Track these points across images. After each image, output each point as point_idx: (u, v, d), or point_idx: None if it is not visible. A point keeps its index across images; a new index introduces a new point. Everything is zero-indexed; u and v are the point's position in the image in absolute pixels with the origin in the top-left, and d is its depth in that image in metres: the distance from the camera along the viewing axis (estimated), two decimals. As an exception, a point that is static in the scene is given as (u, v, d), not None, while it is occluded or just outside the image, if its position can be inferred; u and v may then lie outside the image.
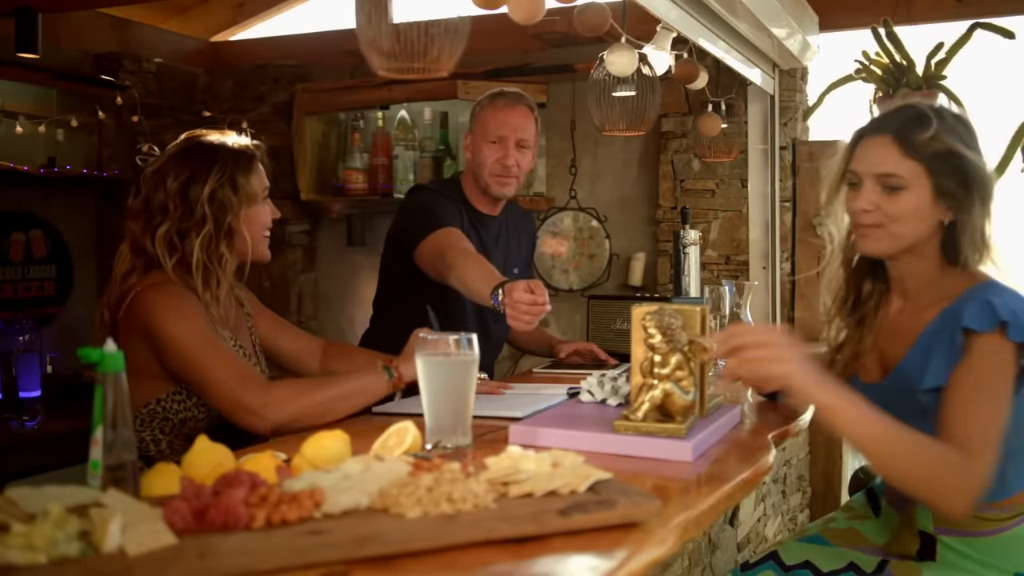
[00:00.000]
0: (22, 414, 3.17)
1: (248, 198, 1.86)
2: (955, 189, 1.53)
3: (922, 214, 1.54)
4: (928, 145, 1.52)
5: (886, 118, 1.59)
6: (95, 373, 1.11)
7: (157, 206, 1.81)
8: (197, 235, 1.79)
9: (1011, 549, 1.53)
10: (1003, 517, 1.54)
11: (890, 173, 1.54)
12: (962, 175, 1.52)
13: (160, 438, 1.80)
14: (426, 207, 2.45)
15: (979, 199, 1.53)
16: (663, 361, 1.51)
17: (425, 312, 1.94)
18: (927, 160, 1.52)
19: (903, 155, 1.53)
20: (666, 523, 1.10)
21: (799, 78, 3.48)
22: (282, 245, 4.10)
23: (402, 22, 1.46)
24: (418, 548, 0.97)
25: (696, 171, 3.54)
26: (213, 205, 1.80)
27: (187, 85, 4.25)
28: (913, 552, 1.63)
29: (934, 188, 1.53)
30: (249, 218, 1.87)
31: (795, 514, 3.28)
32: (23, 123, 3.57)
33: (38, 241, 3.79)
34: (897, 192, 1.54)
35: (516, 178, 2.52)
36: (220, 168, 1.82)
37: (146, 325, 1.73)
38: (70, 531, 0.93)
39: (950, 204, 1.54)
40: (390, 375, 1.77)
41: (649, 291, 3.60)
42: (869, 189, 1.56)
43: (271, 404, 1.67)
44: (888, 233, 1.57)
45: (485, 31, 2.08)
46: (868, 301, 1.73)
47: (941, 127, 1.52)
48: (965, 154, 1.51)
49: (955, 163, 1.52)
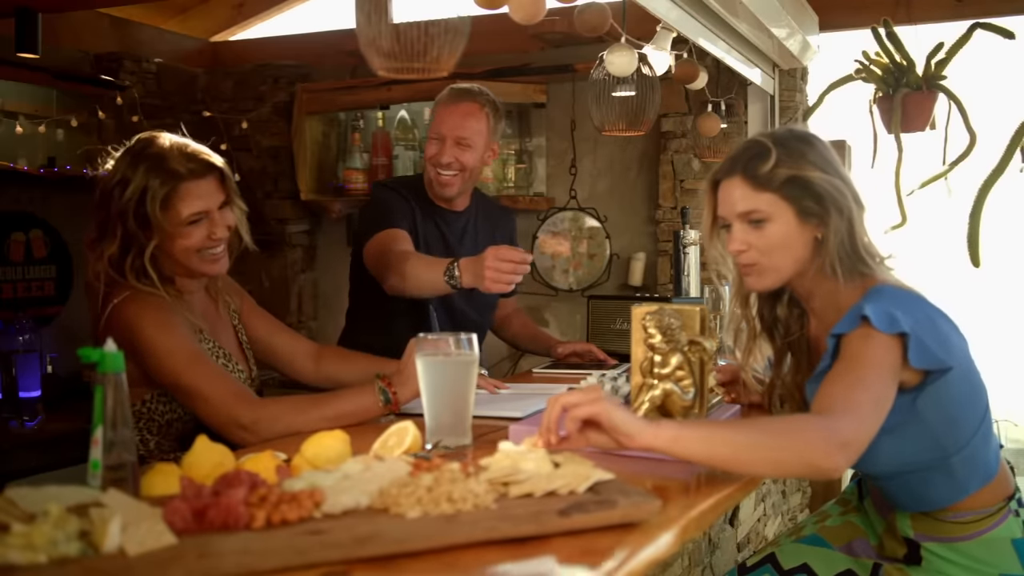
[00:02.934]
0: (22, 414, 3.16)
1: (160, 228, 1.75)
2: (813, 207, 1.56)
3: (791, 240, 1.57)
4: (774, 174, 1.55)
5: (733, 159, 1.63)
6: (95, 373, 1.11)
7: (106, 218, 1.80)
8: (135, 248, 1.76)
9: (994, 551, 1.56)
10: (974, 520, 1.56)
11: (750, 210, 1.57)
12: (814, 193, 1.55)
13: (148, 438, 1.80)
14: (375, 205, 2.47)
15: (835, 211, 1.55)
16: (663, 361, 1.51)
17: (396, 313, 1.90)
18: (778, 188, 1.55)
19: (756, 190, 1.57)
20: (666, 523, 1.10)
21: (799, 78, 3.49)
22: (282, 245, 4.10)
23: (402, 22, 1.46)
24: (418, 548, 0.97)
25: (696, 171, 3.54)
26: (138, 219, 1.75)
27: (187, 85, 4.25)
28: (900, 556, 1.65)
29: (796, 212, 1.56)
30: (166, 243, 1.77)
31: (795, 514, 3.28)
32: (23, 123, 3.56)
33: (38, 241, 3.79)
34: (763, 225, 1.57)
35: (457, 176, 2.43)
36: (143, 181, 1.75)
37: (129, 340, 1.67)
38: (70, 531, 0.93)
39: (816, 222, 1.57)
40: (387, 399, 1.73)
41: (649, 291, 3.60)
42: (739, 230, 1.59)
43: (262, 421, 1.66)
44: (766, 268, 1.59)
45: (485, 31, 2.08)
46: (790, 324, 1.74)
47: (782, 154, 1.56)
48: (809, 174, 1.55)
49: (802, 184, 1.55)
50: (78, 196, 3.87)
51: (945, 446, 1.54)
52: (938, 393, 1.50)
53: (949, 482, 1.56)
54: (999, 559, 1.55)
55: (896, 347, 1.44)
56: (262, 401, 1.73)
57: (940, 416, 1.52)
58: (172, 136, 1.83)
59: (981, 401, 1.59)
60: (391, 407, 1.74)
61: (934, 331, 1.48)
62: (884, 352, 1.44)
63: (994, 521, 1.56)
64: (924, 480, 1.57)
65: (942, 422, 1.52)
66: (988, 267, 2.85)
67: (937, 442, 1.53)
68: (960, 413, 1.55)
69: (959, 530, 1.57)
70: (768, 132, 1.66)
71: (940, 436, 1.53)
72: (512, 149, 3.79)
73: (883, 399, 1.41)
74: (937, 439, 1.53)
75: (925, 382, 1.49)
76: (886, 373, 1.43)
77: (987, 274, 2.83)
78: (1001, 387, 3.09)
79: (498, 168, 3.75)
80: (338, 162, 4.06)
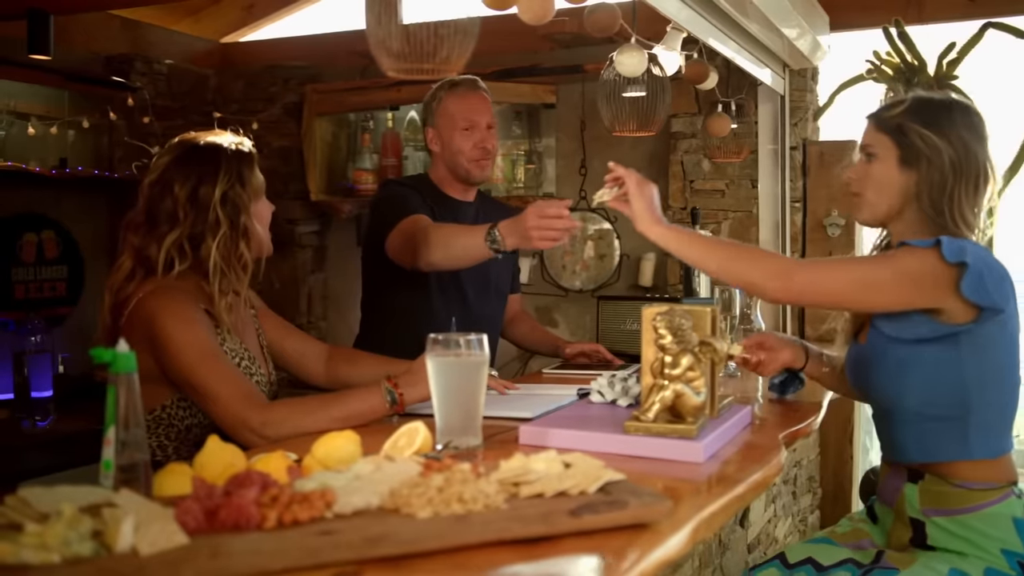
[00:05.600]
0: (34, 414, 3.18)
1: (255, 194, 1.87)
2: (912, 156, 1.69)
3: (890, 180, 1.72)
4: (893, 120, 1.72)
5: (885, 103, 1.83)
6: (107, 373, 1.11)
7: (164, 214, 1.79)
8: (213, 239, 1.78)
9: (995, 526, 1.62)
10: (979, 491, 1.63)
11: (866, 144, 1.76)
12: (914, 144, 1.69)
13: (166, 444, 1.80)
14: (391, 199, 2.48)
15: (927, 166, 1.68)
16: (674, 362, 1.51)
17: (409, 315, 1.90)
18: (891, 131, 1.72)
19: (876, 129, 1.75)
20: (677, 524, 1.10)
21: (809, 78, 3.47)
22: (292, 246, 4.11)
23: (412, 23, 1.46)
24: (429, 548, 0.97)
25: (706, 171, 3.53)
26: (226, 206, 1.80)
27: (198, 86, 4.26)
28: (906, 541, 1.71)
29: (899, 156, 1.71)
30: (257, 214, 1.87)
31: (805, 515, 3.27)
32: (35, 124, 3.58)
33: (50, 242, 3.81)
34: (872, 160, 1.74)
35: (491, 159, 2.57)
36: (226, 168, 1.81)
37: (149, 330, 1.71)
38: (83, 531, 0.93)
39: (914, 172, 1.70)
40: (393, 399, 1.73)
41: (659, 292, 3.59)
42: (858, 160, 1.79)
43: (270, 423, 1.66)
44: (864, 200, 1.77)
45: (494, 31, 2.08)
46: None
47: (911, 106, 1.73)
48: (918, 128, 1.68)
49: (910, 134, 1.69)
50: (90, 197, 3.91)
51: (970, 399, 1.62)
52: (983, 340, 1.60)
53: (959, 440, 1.64)
54: (1000, 534, 1.62)
55: (937, 263, 1.56)
56: (270, 404, 1.74)
57: (977, 366, 1.61)
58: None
59: (1014, 380, 1.69)
60: (397, 408, 1.74)
61: (997, 276, 1.59)
62: (915, 261, 1.59)
63: (997, 496, 1.63)
64: (937, 431, 1.66)
65: (977, 372, 1.62)
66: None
67: (965, 393, 1.62)
68: (994, 372, 1.64)
69: (963, 499, 1.64)
70: (924, 94, 1.81)
71: (970, 387, 1.62)
72: (522, 150, 3.79)
73: (870, 284, 1.62)
74: (966, 389, 1.62)
75: (975, 323, 1.59)
76: (899, 275, 1.60)
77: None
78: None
79: (508, 169, 3.75)
80: (348, 163, 4.07)
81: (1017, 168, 2.80)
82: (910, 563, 1.63)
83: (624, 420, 1.51)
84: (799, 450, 3.07)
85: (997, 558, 1.60)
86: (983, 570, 1.59)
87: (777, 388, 2.06)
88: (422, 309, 2.46)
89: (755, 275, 1.68)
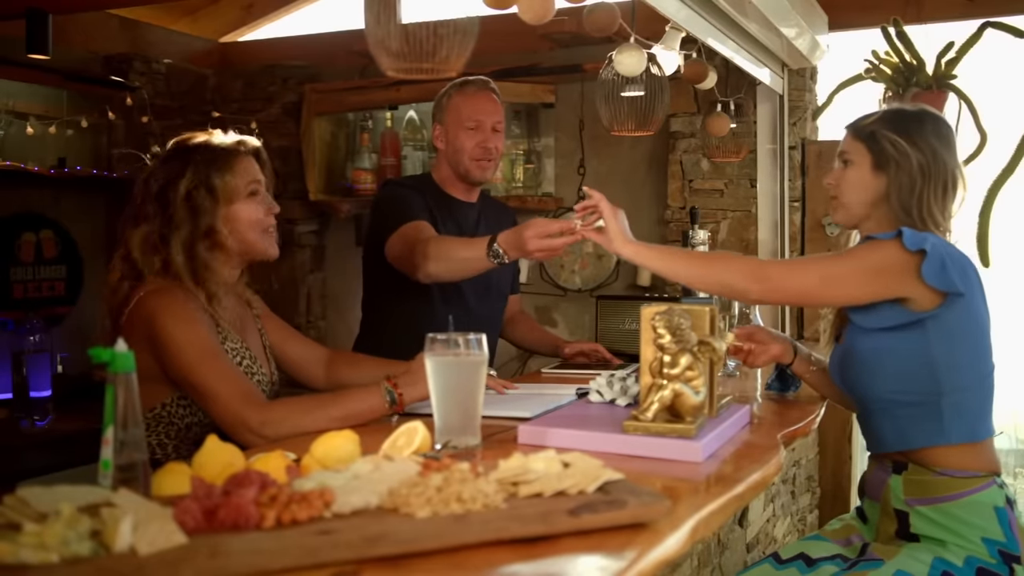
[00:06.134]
0: (33, 414, 3.18)
1: (227, 197, 1.83)
2: (883, 161, 1.79)
3: (864, 184, 1.81)
4: (867, 128, 1.83)
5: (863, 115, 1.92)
6: (106, 373, 1.11)
7: (141, 211, 1.82)
8: (176, 238, 1.79)
9: (977, 515, 1.66)
10: (960, 479, 1.67)
11: (843, 151, 1.87)
12: (885, 150, 1.79)
13: (166, 442, 1.80)
14: (392, 201, 2.48)
15: (895, 169, 1.77)
16: (673, 361, 1.51)
17: (410, 316, 1.91)
18: (865, 139, 1.82)
19: (853, 137, 1.86)
20: (676, 524, 1.10)
21: (808, 77, 3.47)
22: (291, 245, 4.11)
23: (411, 22, 1.46)
24: (428, 548, 0.97)
25: (705, 171, 3.53)
26: (188, 206, 1.80)
27: (197, 86, 4.26)
28: (892, 533, 1.75)
29: (872, 162, 1.80)
30: (232, 216, 1.84)
31: (804, 515, 3.27)
32: (34, 124, 3.57)
33: (48, 241, 3.81)
34: (848, 166, 1.85)
35: (494, 161, 2.57)
36: (194, 169, 1.81)
37: (150, 329, 1.72)
38: (82, 530, 0.93)
39: (885, 176, 1.79)
40: (392, 399, 1.74)
41: (658, 291, 3.59)
42: (836, 166, 1.89)
43: (269, 423, 1.66)
44: (841, 203, 1.86)
45: (494, 31, 2.08)
46: None
47: (884, 117, 1.84)
48: (889, 135, 1.79)
49: (881, 140, 1.80)
50: (88, 196, 3.91)
51: (941, 383, 1.68)
52: (950, 325, 1.67)
53: (934, 423, 1.69)
54: (982, 522, 1.65)
55: (899, 253, 1.64)
56: (269, 403, 1.74)
57: (946, 351, 1.68)
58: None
59: (985, 358, 1.75)
60: (396, 407, 1.74)
61: (958, 263, 1.66)
62: (877, 252, 1.67)
63: (979, 485, 1.68)
64: (912, 417, 1.71)
65: (946, 357, 1.68)
66: (997, 266, 2.84)
67: (935, 376, 1.69)
68: (963, 356, 1.70)
69: (945, 487, 1.68)
70: (897, 105, 1.96)
71: (939, 370, 1.68)
72: (521, 149, 3.79)
73: (836, 278, 1.70)
74: (936, 373, 1.68)
75: (941, 308, 1.65)
76: (863, 267, 1.68)
77: (996, 273, 2.82)
78: (1011, 387, 3.07)
79: (507, 168, 3.75)
80: (347, 162, 4.06)
81: (1014, 166, 2.80)
82: (895, 554, 1.66)
83: (623, 420, 1.51)
84: (798, 449, 3.07)
85: (978, 546, 1.64)
86: (964, 559, 1.63)
87: (777, 387, 2.07)
88: (423, 310, 2.46)
89: (733, 278, 1.76)
